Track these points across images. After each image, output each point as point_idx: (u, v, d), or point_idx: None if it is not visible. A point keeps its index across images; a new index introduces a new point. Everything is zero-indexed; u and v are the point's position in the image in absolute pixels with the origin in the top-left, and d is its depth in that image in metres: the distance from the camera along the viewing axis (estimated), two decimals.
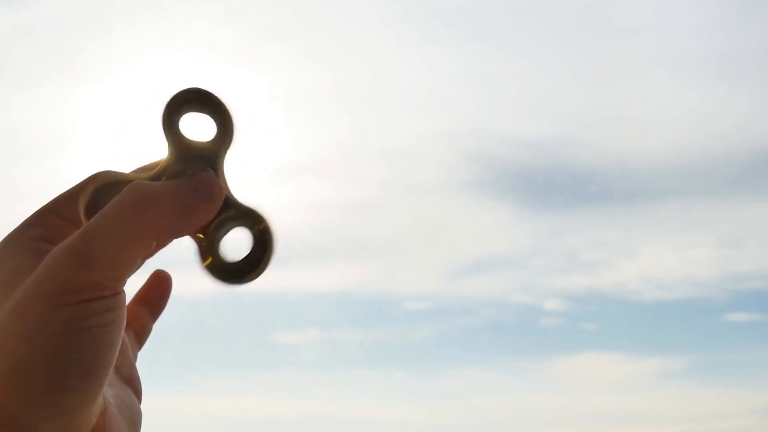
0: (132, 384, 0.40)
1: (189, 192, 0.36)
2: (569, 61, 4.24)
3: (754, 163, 4.44)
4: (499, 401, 4.66)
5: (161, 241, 0.35)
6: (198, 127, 0.38)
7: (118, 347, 0.34)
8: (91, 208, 0.36)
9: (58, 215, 0.37)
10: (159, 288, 0.42)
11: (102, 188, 0.37)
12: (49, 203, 0.38)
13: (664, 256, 4.67)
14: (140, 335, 0.42)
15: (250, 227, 0.38)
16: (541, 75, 4.29)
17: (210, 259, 0.37)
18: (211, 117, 0.38)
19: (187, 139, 0.38)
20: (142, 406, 0.40)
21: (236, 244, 0.38)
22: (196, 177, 0.36)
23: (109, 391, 0.36)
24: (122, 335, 0.34)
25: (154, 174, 0.37)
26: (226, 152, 0.38)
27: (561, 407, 4.51)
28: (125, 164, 0.38)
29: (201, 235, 0.37)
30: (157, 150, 0.39)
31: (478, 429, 4.45)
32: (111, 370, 0.34)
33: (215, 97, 0.38)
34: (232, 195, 0.38)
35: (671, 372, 4.70)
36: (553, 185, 4.08)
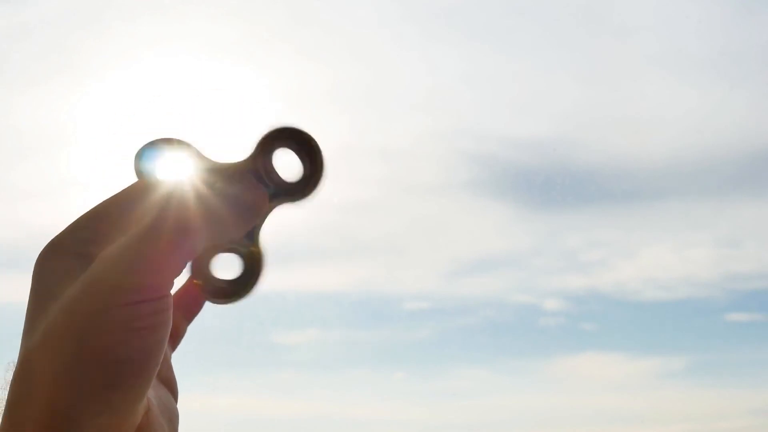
0: (169, 385, 0.41)
1: (236, 202, 0.37)
2: (569, 61, 4.25)
3: (754, 163, 4.45)
4: (499, 401, 4.66)
5: (208, 245, 0.37)
6: (285, 162, 0.39)
7: (164, 348, 0.35)
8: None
9: (104, 219, 0.38)
10: (195, 292, 0.42)
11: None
12: (95, 207, 0.38)
13: (663, 256, 4.67)
14: (174, 338, 0.42)
15: (241, 251, 0.39)
16: (540, 75, 4.29)
17: (200, 277, 0.39)
18: (303, 164, 0.39)
19: (272, 164, 0.39)
20: None
21: (227, 264, 0.39)
22: (243, 188, 0.38)
23: (151, 392, 0.36)
24: (168, 336, 0.35)
25: (219, 167, 0.38)
26: (293, 201, 0.39)
27: (561, 407, 4.51)
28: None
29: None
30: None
31: (478, 429, 4.45)
32: (156, 371, 0.35)
33: (320, 152, 0.39)
34: (260, 225, 0.39)
35: (671, 372, 4.70)
36: (553, 185, 4.08)
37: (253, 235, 0.39)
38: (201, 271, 0.39)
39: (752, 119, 4.25)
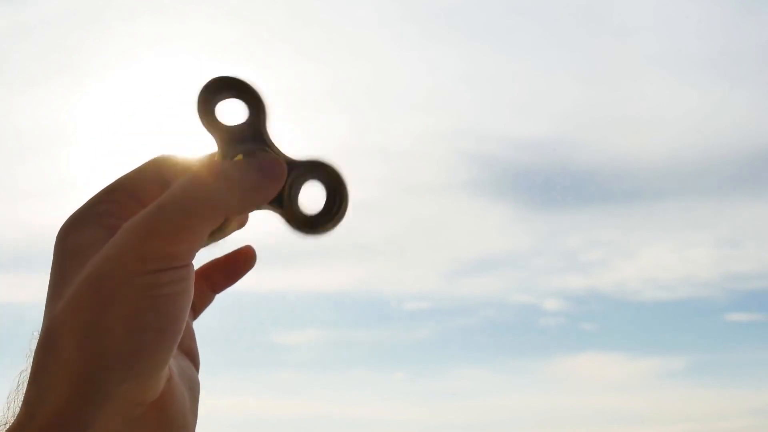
0: (191, 355, 0.41)
1: (255, 170, 0.38)
2: (569, 61, 4.25)
3: (754, 163, 4.45)
4: (499, 401, 4.66)
5: (230, 216, 0.38)
6: (232, 111, 0.40)
7: (186, 316, 0.36)
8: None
9: (124, 193, 0.39)
10: (230, 266, 0.43)
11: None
12: (115, 182, 0.39)
13: (663, 256, 4.67)
14: (197, 308, 0.43)
15: (322, 179, 0.40)
16: (540, 75, 4.29)
17: (292, 216, 0.40)
18: (241, 99, 0.40)
19: (226, 124, 0.40)
20: None
21: (312, 196, 0.40)
22: (261, 156, 0.39)
23: (172, 361, 0.37)
24: (189, 305, 0.36)
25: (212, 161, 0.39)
26: (265, 125, 0.40)
27: (561, 407, 4.51)
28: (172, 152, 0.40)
29: (271, 205, 0.40)
30: (191, 142, 0.41)
31: (478, 429, 4.45)
32: (179, 338, 0.36)
33: (239, 79, 0.40)
34: (289, 157, 0.40)
35: (671, 372, 4.70)
36: (553, 185, 4.08)
37: (302, 165, 0.40)
38: (291, 207, 0.40)
39: (752, 119, 4.25)
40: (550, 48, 4.23)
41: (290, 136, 0.42)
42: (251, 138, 0.40)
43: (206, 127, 0.40)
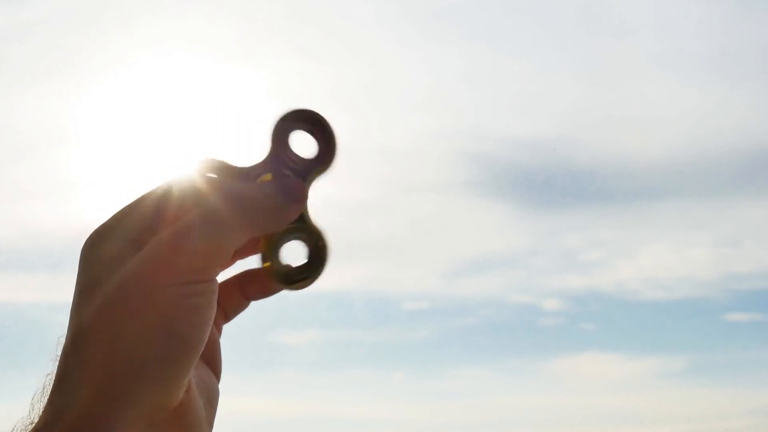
0: (213, 365, 0.43)
1: (279, 192, 0.40)
2: (569, 60, 4.24)
3: (754, 163, 4.45)
4: (499, 401, 4.66)
5: (254, 235, 0.40)
6: (302, 143, 0.43)
7: (210, 327, 0.38)
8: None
9: (150, 209, 0.40)
10: (264, 281, 0.44)
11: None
12: (141, 197, 0.41)
13: (663, 256, 4.67)
14: (228, 312, 0.44)
15: (310, 243, 0.42)
16: (540, 74, 4.29)
17: (269, 262, 0.42)
18: (317, 139, 0.42)
19: (291, 150, 0.42)
20: None
21: (295, 253, 0.43)
22: (286, 179, 0.41)
23: (192, 371, 0.38)
24: (213, 317, 0.38)
25: (248, 171, 0.41)
26: (320, 173, 0.42)
27: (561, 407, 4.51)
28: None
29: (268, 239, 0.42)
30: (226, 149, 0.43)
31: (478, 429, 4.44)
32: (202, 348, 0.37)
33: (327, 123, 0.42)
34: (306, 210, 0.42)
35: (671, 372, 4.70)
36: (553, 185, 4.08)
37: (305, 222, 0.42)
38: (272, 254, 0.42)
39: (752, 119, 4.25)
40: (550, 48, 4.23)
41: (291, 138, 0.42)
42: (301, 173, 0.41)
43: (272, 143, 0.42)
